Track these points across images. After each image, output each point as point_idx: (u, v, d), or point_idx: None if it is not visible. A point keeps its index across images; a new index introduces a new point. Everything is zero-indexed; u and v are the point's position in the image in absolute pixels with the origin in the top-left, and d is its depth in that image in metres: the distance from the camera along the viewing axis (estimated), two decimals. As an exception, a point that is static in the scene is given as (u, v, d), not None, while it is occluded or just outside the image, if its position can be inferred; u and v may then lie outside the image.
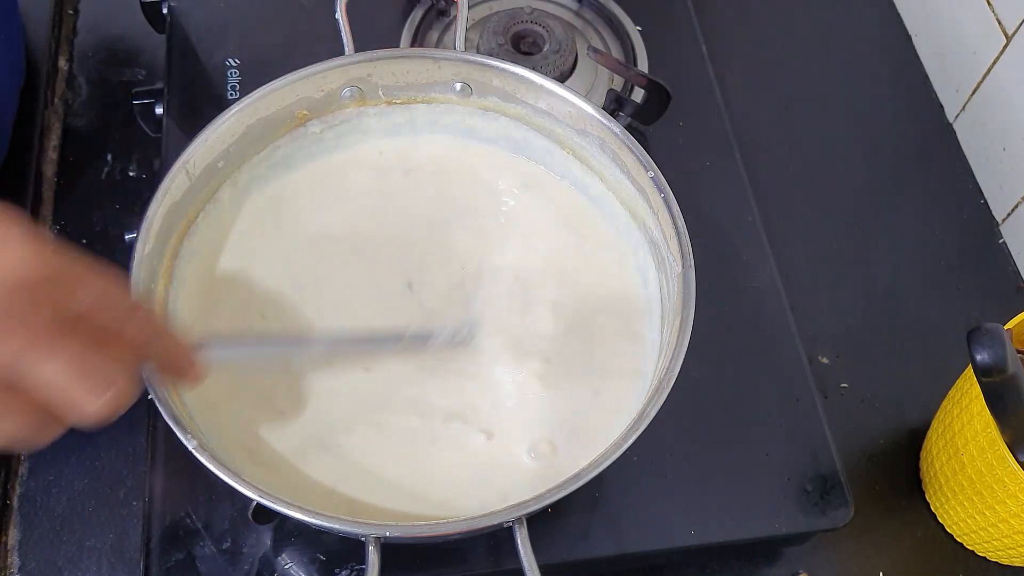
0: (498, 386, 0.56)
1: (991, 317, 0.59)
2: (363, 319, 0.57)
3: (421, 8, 0.78)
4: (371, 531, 0.46)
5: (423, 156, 0.64)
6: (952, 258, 0.78)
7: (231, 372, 0.54)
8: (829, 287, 0.75)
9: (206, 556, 0.55)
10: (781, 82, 0.86)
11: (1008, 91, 0.77)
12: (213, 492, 0.57)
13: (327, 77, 0.59)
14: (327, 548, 0.56)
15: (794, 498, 0.60)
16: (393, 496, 0.52)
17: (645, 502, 0.59)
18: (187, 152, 0.55)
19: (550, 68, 0.73)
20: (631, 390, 0.56)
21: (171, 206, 0.54)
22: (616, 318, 0.59)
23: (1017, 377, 0.52)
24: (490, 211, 0.62)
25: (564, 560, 0.57)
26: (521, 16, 0.76)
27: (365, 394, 0.55)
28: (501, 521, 0.46)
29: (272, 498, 0.45)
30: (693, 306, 0.51)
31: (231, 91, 0.72)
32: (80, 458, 0.63)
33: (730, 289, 0.68)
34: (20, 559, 0.60)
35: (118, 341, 0.38)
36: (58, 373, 0.35)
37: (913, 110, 0.86)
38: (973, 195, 0.82)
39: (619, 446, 0.47)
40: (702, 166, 0.74)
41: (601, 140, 0.59)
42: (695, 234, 0.54)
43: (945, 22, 0.85)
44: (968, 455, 0.59)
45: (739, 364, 0.65)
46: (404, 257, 0.60)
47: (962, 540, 0.65)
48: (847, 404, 0.70)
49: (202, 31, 0.76)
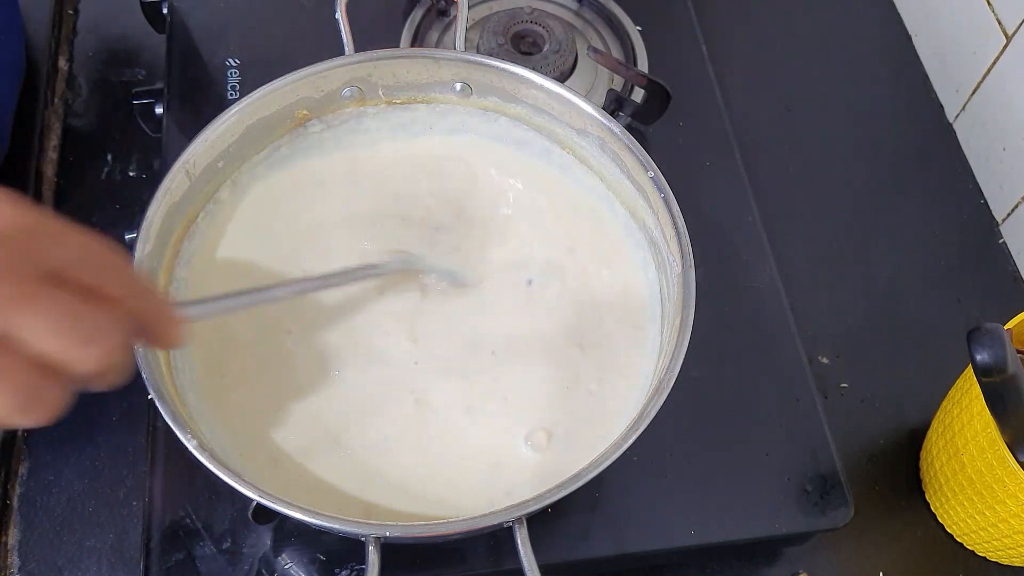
0: (498, 385, 0.56)
1: (991, 317, 0.60)
2: (362, 317, 0.57)
3: (421, 8, 0.78)
4: (371, 531, 0.46)
5: (423, 156, 0.64)
6: (952, 258, 0.78)
7: (238, 371, 0.54)
8: (829, 287, 0.75)
9: (206, 556, 0.55)
10: (781, 82, 0.86)
11: (1008, 91, 0.77)
12: (213, 492, 0.57)
13: (327, 77, 0.59)
14: (327, 548, 0.56)
15: (794, 498, 0.60)
16: (393, 495, 0.52)
17: (645, 502, 0.59)
18: (187, 152, 0.55)
19: (550, 68, 0.73)
20: (631, 390, 0.56)
21: (171, 206, 0.54)
22: (616, 318, 0.59)
23: (1017, 377, 0.52)
24: (490, 211, 0.62)
25: (564, 560, 0.57)
26: (521, 16, 0.76)
27: (367, 393, 0.55)
28: (501, 521, 0.46)
29: (272, 498, 0.45)
30: (693, 306, 0.51)
31: (231, 91, 0.72)
32: (80, 458, 0.63)
33: (730, 289, 0.68)
34: (20, 559, 0.60)
35: (106, 297, 0.36)
36: (49, 322, 0.34)
37: (913, 110, 0.86)
38: (973, 195, 0.82)
39: (619, 446, 0.47)
40: (702, 166, 0.74)
41: (601, 140, 0.59)
42: (695, 234, 0.54)
43: (945, 22, 0.85)
44: (968, 455, 0.59)
45: (739, 364, 0.65)
46: (404, 256, 0.60)
47: (962, 540, 0.65)
48: (847, 404, 0.70)
49: (202, 31, 0.76)
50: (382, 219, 0.61)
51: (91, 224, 0.72)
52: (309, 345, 0.56)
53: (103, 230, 0.70)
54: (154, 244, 0.53)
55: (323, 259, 0.59)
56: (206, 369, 0.54)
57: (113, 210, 0.73)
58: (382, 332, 0.57)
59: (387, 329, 0.57)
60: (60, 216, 0.38)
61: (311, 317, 0.57)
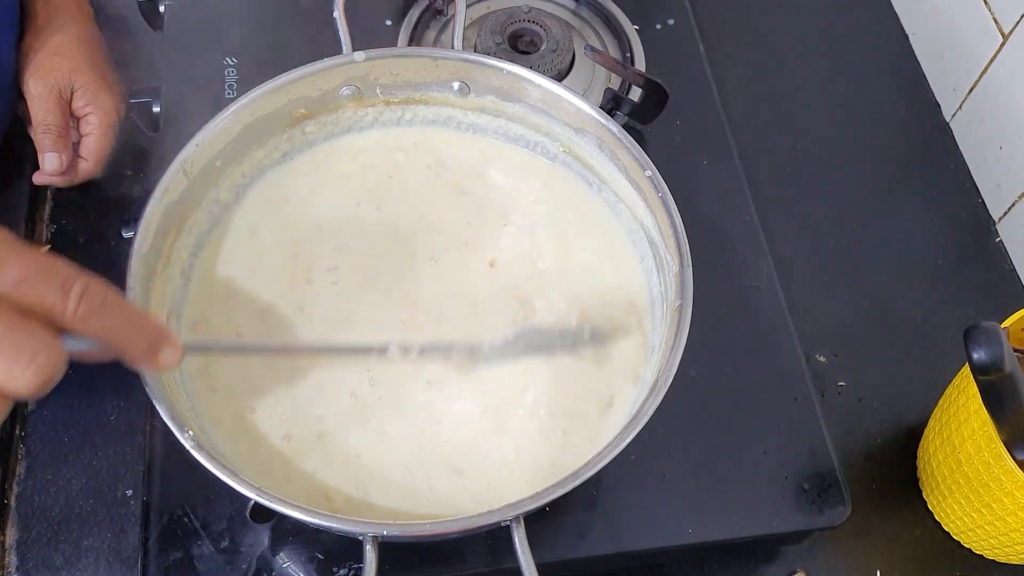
0: (494, 384, 0.56)
1: (988, 315, 0.60)
2: (360, 316, 0.57)
3: (418, 8, 0.78)
4: (369, 530, 0.46)
5: (421, 154, 0.64)
6: (949, 257, 0.78)
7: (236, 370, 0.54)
8: (827, 286, 0.75)
9: (204, 555, 0.55)
10: (778, 81, 0.86)
11: (1005, 90, 0.77)
12: (211, 491, 0.57)
13: (325, 76, 0.59)
14: (325, 547, 0.56)
15: (792, 496, 0.60)
16: (392, 494, 0.52)
17: (643, 500, 0.59)
18: (185, 151, 0.55)
19: (548, 67, 0.73)
20: (629, 388, 0.56)
21: (169, 205, 0.54)
22: (614, 316, 0.59)
23: (1014, 375, 0.52)
24: (488, 210, 0.62)
25: (562, 559, 0.57)
26: (519, 15, 0.76)
27: (366, 391, 0.55)
28: (499, 520, 0.46)
29: (270, 497, 0.45)
30: (691, 305, 0.51)
31: (229, 90, 0.72)
32: (78, 457, 0.63)
33: (728, 288, 0.68)
34: (18, 559, 0.60)
35: (38, 318, 0.38)
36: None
37: (910, 109, 0.86)
38: (970, 194, 0.82)
39: (616, 445, 0.47)
40: (700, 165, 0.74)
41: (599, 139, 0.60)
42: (692, 233, 0.54)
43: (942, 21, 0.85)
44: (965, 453, 0.59)
45: (737, 363, 0.65)
46: (403, 253, 0.60)
47: (959, 538, 0.65)
48: (844, 403, 0.70)
49: (199, 30, 0.76)
50: (382, 217, 0.61)
51: (89, 223, 0.72)
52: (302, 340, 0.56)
53: (101, 229, 0.72)
54: (152, 242, 0.53)
55: (322, 255, 0.59)
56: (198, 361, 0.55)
57: (111, 209, 0.73)
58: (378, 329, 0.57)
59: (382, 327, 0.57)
60: (5, 238, 0.38)
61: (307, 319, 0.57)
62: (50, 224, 0.72)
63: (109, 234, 0.71)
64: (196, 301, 0.57)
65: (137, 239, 0.51)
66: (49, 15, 0.71)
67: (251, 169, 0.61)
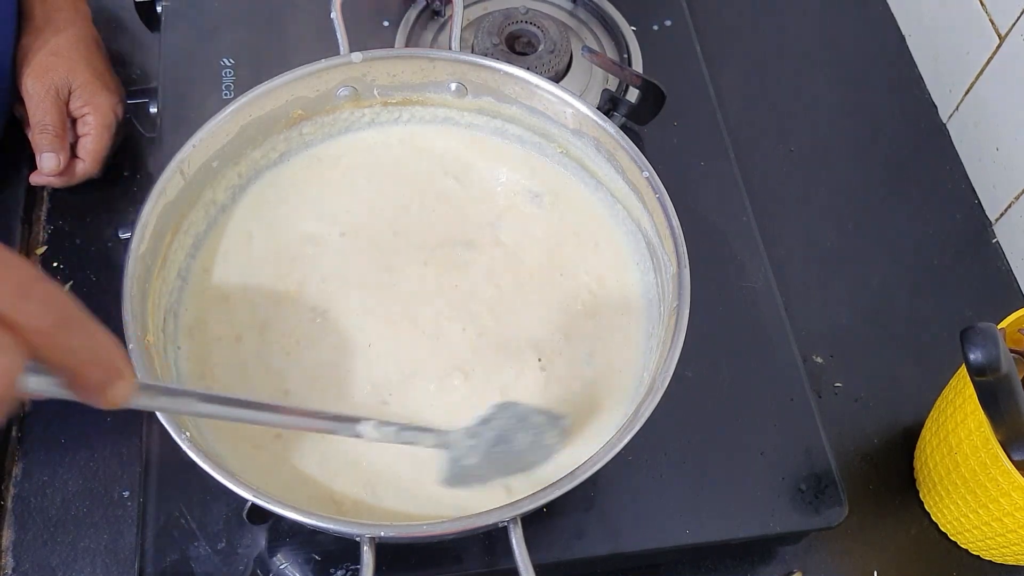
0: (492, 384, 0.56)
1: (984, 316, 0.59)
2: (357, 314, 0.58)
3: (415, 9, 0.78)
4: (366, 531, 0.46)
5: (419, 154, 0.64)
6: (946, 258, 0.78)
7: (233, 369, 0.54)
8: (823, 286, 0.75)
9: (201, 556, 0.55)
10: (775, 82, 0.86)
11: (1001, 91, 0.77)
12: (208, 492, 0.57)
13: (322, 77, 0.59)
14: (322, 548, 0.56)
15: (788, 497, 0.60)
16: (393, 495, 0.52)
17: (640, 501, 0.59)
18: (182, 151, 0.55)
19: (545, 68, 0.74)
20: (626, 389, 0.56)
21: (166, 205, 0.54)
22: (611, 317, 0.59)
23: (1010, 376, 0.52)
24: (486, 211, 0.62)
25: (559, 559, 0.57)
26: (516, 16, 0.76)
27: (365, 390, 0.55)
28: (496, 521, 0.46)
29: (267, 498, 0.45)
30: (688, 306, 0.51)
31: (226, 91, 0.72)
32: (74, 459, 0.63)
33: (725, 289, 0.68)
34: (14, 560, 0.60)
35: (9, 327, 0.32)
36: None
37: (906, 110, 0.86)
38: (966, 195, 0.82)
39: (614, 445, 0.47)
40: (697, 166, 0.74)
41: (596, 140, 0.60)
42: (690, 234, 0.54)
43: (938, 22, 0.85)
44: (961, 454, 0.59)
45: (733, 363, 0.65)
46: (399, 252, 0.60)
47: (956, 538, 0.65)
48: (841, 403, 0.70)
49: (197, 30, 0.76)
50: (376, 221, 0.61)
51: (85, 223, 0.72)
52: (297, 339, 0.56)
53: (97, 229, 0.71)
54: (149, 243, 0.53)
55: (318, 254, 0.59)
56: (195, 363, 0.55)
57: (108, 209, 0.73)
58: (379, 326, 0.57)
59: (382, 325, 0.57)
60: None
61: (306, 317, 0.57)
62: (47, 225, 0.72)
63: (106, 235, 0.71)
64: (192, 303, 0.57)
65: (134, 240, 0.51)
66: (47, 16, 0.71)
67: (248, 170, 0.61)
